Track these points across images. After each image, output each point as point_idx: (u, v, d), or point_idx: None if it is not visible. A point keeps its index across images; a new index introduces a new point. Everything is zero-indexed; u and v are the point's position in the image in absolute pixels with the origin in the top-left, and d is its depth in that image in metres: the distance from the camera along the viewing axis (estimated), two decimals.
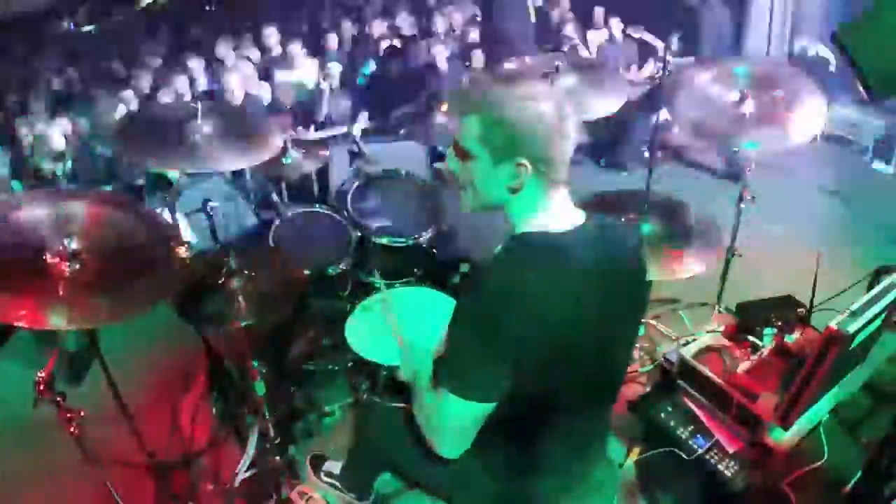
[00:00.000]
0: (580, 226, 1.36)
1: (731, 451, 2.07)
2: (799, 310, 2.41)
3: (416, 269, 2.90)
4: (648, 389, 2.42)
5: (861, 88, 1.60)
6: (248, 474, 2.32)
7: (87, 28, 2.30)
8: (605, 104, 2.74)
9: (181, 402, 2.81)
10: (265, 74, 5.29)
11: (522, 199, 1.34)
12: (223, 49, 5.47)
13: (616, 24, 5.68)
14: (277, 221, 2.92)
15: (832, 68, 4.94)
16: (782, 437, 2.05)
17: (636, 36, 5.58)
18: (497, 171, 1.32)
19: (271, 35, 5.60)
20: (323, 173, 4.01)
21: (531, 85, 1.32)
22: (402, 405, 2.30)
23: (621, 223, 1.61)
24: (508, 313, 1.25)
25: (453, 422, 1.37)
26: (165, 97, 4.81)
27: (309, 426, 2.66)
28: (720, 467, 2.04)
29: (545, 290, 1.27)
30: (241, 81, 4.65)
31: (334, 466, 2.39)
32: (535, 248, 1.33)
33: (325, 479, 2.40)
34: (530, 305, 1.25)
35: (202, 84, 5.16)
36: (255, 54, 5.56)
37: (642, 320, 3.03)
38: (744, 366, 2.19)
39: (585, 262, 1.33)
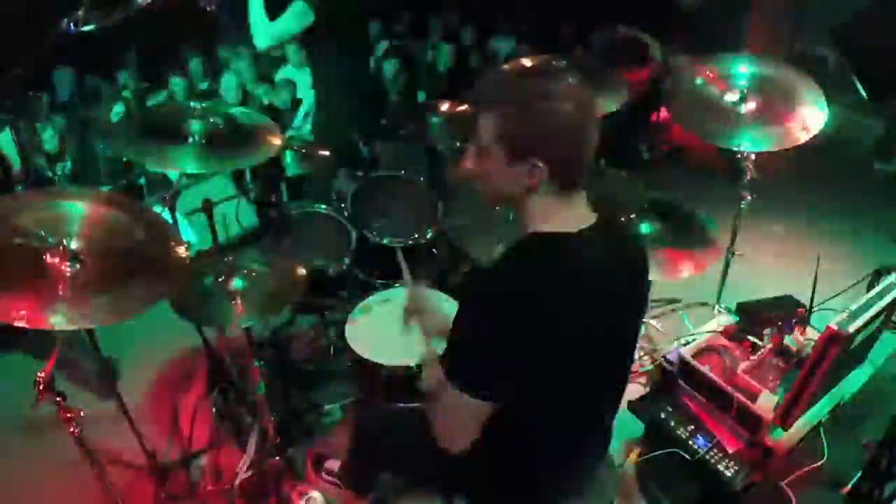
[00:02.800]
0: (590, 227, 1.35)
1: (731, 451, 2.08)
2: (799, 310, 2.41)
3: (415, 269, 2.89)
4: (648, 389, 2.42)
5: (860, 88, 1.61)
6: (248, 474, 2.32)
7: (86, 28, 2.28)
8: (605, 104, 2.74)
9: (181, 402, 2.81)
10: (265, 74, 5.29)
11: (536, 199, 1.32)
12: (223, 49, 5.47)
13: (616, 25, 5.68)
14: (277, 221, 2.92)
15: (832, 68, 4.94)
16: (782, 437, 2.05)
17: (635, 36, 5.57)
18: (512, 170, 1.29)
19: None
20: (322, 173, 4.01)
21: (554, 82, 1.27)
22: (401, 405, 2.30)
23: (626, 224, 1.61)
24: (516, 313, 1.24)
25: (465, 419, 1.36)
26: (165, 97, 4.81)
27: (309, 426, 2.66)
28: (720, 467, 2.04)
29: (554, 291, 1.27)
30: (240, 81, 4.65)
31: (335, 465, 2.39)
32: (546, 249, 1.32)
33: (326, 477, 2.40)
34: (539, 306, 1.25)
35: (202, 84, 5.16)
36: (254, 54, 5.55)
37: (643, 321, 3.05)
38: (744, 366, 2.19)
39: (594, 264, 1.33)
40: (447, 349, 1.38)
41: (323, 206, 2.94)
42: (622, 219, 2.60)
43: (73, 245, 1.64)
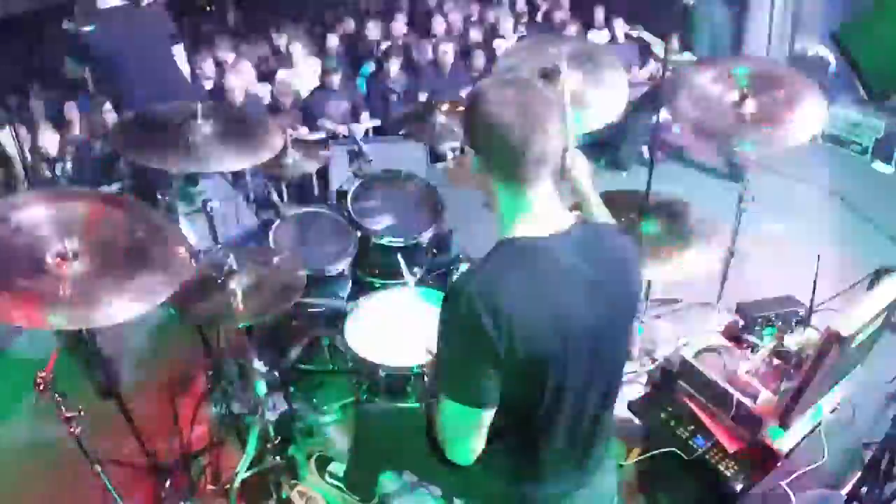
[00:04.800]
0: (566, 230, 1.35)
1: (731, 451, 2.07)
2: (799, 310, 2.41)
3: (415, 269, 2.90)
4: (648, 389, 2.42)
5: (861, 88, 1.61)
6: (248, 474, 2.32)
7: (86, 28, 2.30)
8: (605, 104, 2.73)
9: (181, 402, 2.81)
10: (266, 74, 5.29)
11: (504, 200, 1.35)
12: (224, 49, 5.47)
13: (617, 25, 5.69)
14: (277, 221, 2.92)
15: (832, 68, 4.94)
16: (782, 437, 2.04)
17: (636, 35, 5.58)
18: (478, 169, 1.35)
19: (272, 35, 5.61)
20: (323, 173, 4.02)
21: (511, 83, 1.30)
22: (401, 405, 2.30)
23: (613, 228, 1.59)
24: (486, 318, 1.24)
25: (455, 426, 1.37)
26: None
27: (309, 426, 2.66)
28: (720, 467, 2.03)
29: (522, 295, 1.27)
30: (241, 81, 4.65)
31: (339, 468, 2.39)
32: (514, 252, 1.33)
33: (330, 480, 2.40)
34: (507, 310, 1.24)
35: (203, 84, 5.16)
36: (255, 54, 5.56)
37: (637, 324, 3.04)
38: (744, 366, 2.19)
39: (568, 266, 1.32)
40: (434, 359, 1.38)
41: (323, 206, 2.94)
42: (621, 218, 2.60)
43: (73, 245, 1.64)
